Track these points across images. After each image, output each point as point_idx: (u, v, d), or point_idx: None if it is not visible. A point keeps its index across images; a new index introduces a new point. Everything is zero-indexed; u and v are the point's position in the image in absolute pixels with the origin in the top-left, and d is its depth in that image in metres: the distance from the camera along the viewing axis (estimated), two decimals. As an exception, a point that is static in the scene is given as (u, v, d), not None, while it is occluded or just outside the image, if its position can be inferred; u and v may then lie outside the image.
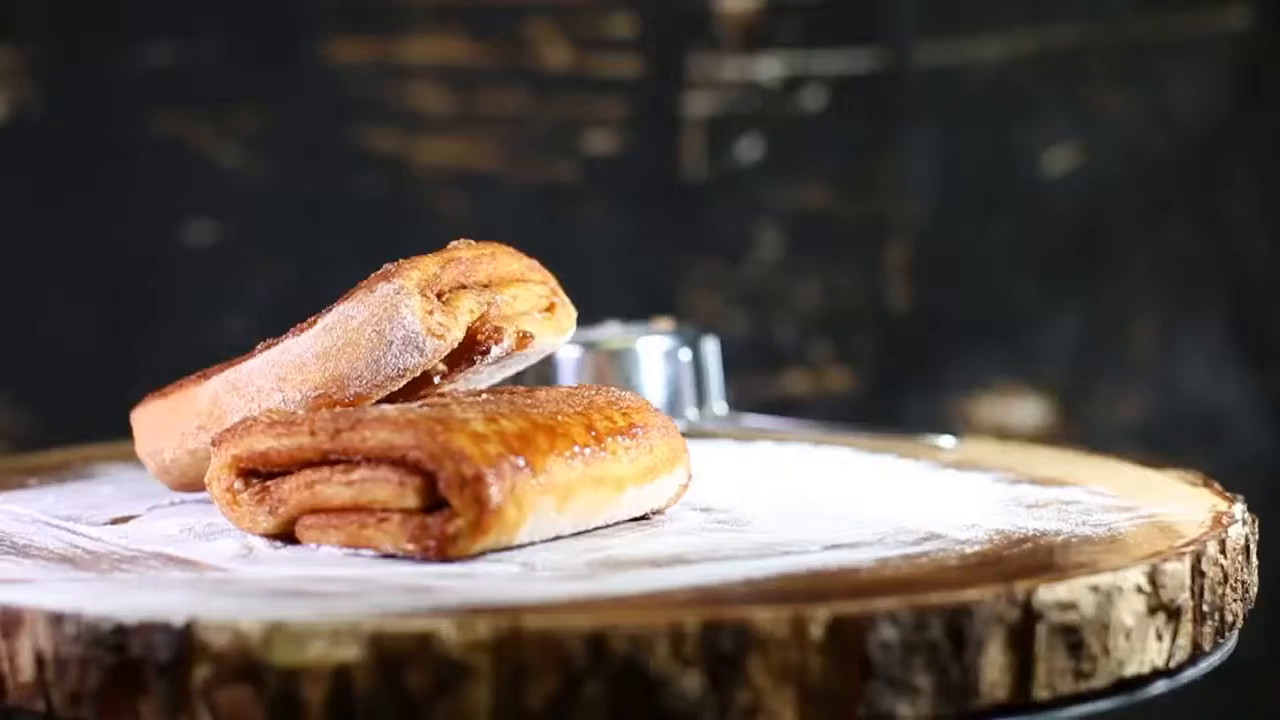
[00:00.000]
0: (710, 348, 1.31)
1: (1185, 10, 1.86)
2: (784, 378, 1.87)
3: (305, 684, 0.80)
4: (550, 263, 1.07)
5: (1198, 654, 0.92)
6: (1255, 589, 0.98)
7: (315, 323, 1.00)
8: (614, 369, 1.27)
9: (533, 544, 0.94)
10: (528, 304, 1.04)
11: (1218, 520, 0.98)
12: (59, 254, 1.81)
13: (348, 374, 0.99)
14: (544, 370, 1.25)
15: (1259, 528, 1.00)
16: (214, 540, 0.97)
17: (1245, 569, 0.97)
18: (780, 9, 1.84)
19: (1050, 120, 1.87)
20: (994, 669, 0.84)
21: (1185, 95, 1.86)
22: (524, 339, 1.02)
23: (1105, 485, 1.09)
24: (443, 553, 0.91)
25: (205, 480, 0.98)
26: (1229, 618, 0.94)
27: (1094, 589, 0.86)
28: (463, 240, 1.04)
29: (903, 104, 1.86)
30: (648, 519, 1.01)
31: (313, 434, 0.94)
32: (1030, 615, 0.85)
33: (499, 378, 1.07)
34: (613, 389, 1.03)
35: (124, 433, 1.09)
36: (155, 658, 0.81)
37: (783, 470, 1.17)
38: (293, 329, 1.01)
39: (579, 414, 0.97)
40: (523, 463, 0.92)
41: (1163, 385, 1.88)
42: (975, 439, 1.31)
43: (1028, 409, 1.88)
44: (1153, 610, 0.89)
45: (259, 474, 0.96)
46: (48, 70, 1.80)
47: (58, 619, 0.82)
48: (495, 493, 0.90)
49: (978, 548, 0.94)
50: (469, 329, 1.00)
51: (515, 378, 1.10)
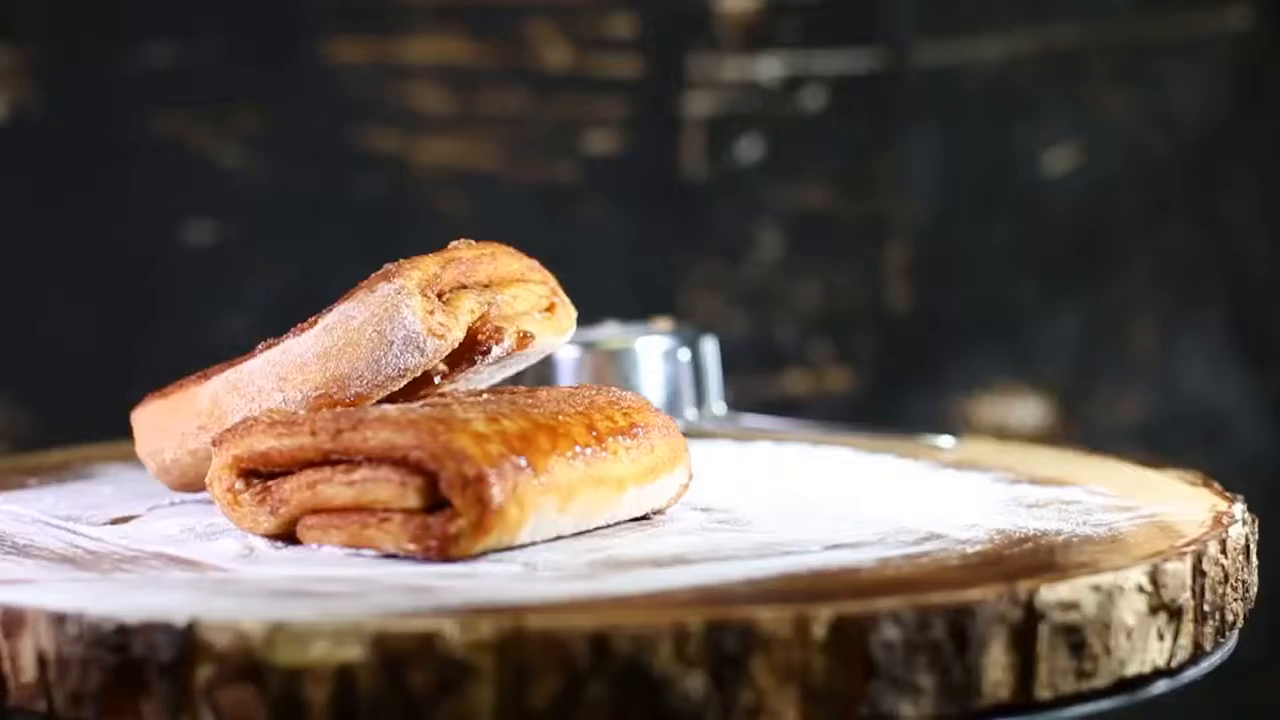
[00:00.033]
0: (709, 348, 1.31)
1: (1185, 10, 1.86)
2: (784, 378, 1.87)
3: (308, 684, 0.79)
4: (550, 263, 1.07)
5: (1199, 654, 0.92)
6: (1255, 589, 0.98)
7: (316, 323, 1.00)
8: (613, 369, 1.27)
9: (534, 544, 0.94)
10: (528, 304, 1.04)
11: (1218, 520, 0.98)
12: (59, 254, 1.81)
13: (348, 374, 0.99)
14: (543, 370, 1.25)
15: (1259, 528, 1.00)
16: (215, 540, 0.97)
17: (1245, 569, 0.97)
18: (780, 9, 1.83)
19: (1050, 120, 1.87)
20: (996, 669, 0.84)
21: (1185, 95, 1.86)
22: (524, 339, 1.02)
23: (1105, 485, 1.09)
24: (444, 553, 0.91)
25: (206, 480, 0.97)
26: (1229, 617, 0.94)
27: (1096, 589, 0.86)
28: (463, 240, 1.04)
29: (903, 104, 1.86)
30: (648, 519, 1.01)
31: (314, 434, 0.93)
32: (1032, 615, 0.85)
33: (499, 378, 1.07)
34: (613, 389, 1.03)
35: (124, 433, 1.09)
36: (157, 658, 0.81)
37: (782, 470, 1.17)
38: (293, 329, 1.01)
39: (580, 414, 0.97)
40: (524, 463, 0.92)
41: (1163, 385, 1.88)
42: (974, 439, 1.30)
43: (1028, 409, 1.88)
44: (1154, 610, 0.89)
45: (260, 474, 0.96)
46: (48, 70, 1.80)
47: (60, 619, 0.82)
48: (497, 493, 0.90)
49: (979, 547, 0.94)
50: (470, 329, 1.00)
51: (514, 378, 1.10)
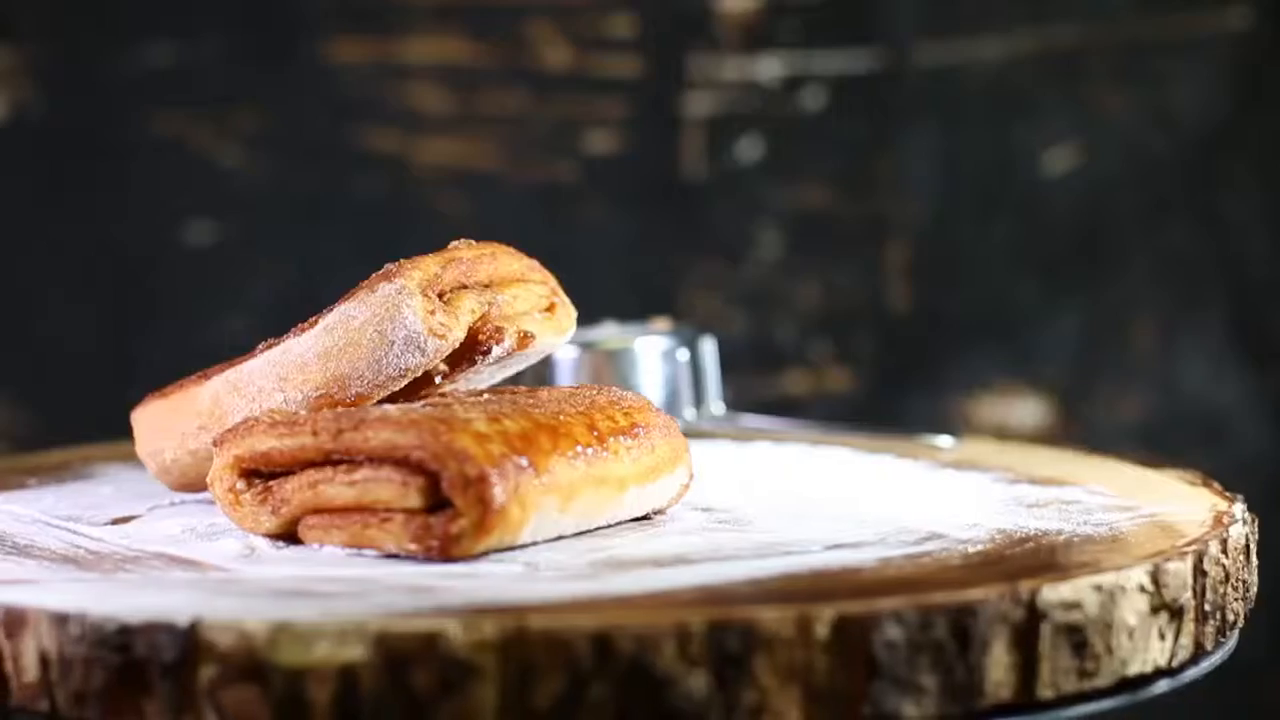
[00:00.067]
0: (708, 348, 1.31)
1: (1185, 10, 1.86)
2: (784, 378, 1.87)
3: (311, 684, 0.79)
4: (550, 263, 1.07)
5: (1199, 653, 0.92)
6: (1255, 589, 0.98)
7: (316, 323, 1.00)
8: (611, 369, 1.27)
9: (535, 544, 0.94)
10: (528, 304, 1.04)
11: (1219, 520, 0.98)
12: (59, 254, 1.81)
13: (349, 374, 0.99)
14: (541, 371, 1.25)
15: (1259, 528, 1.00)
16: (216, 540, 0.97)
17: (1246, 568, 0.97)
18: (780, 9, 1.83)
19: (1050, 120, 1.87)
20: (999, 668, 0.84)
21: (1185, 95, 1.86)
22: (525, 339, 1.02)
23: (1105, 485, 1.09)
24: (446, 553, 0.90)
25: (208, 480, 0.97)
26: (1230, 617, 0.94)
27: (1097, 588, 0.86)
28: (463, 240, 1.04)
29: (903, 104, 1.86)
30: (649, 519, 1.01)
31: (315, 434, 0.93)
32: (1034, 615, 0.85)
33: (499, 378, 1.07)
34: (614, 389, 1.03)
35: (124, 433, 1.09)
36: (160, 658, 0.81)
37: (782, 470, 1.17)
38: (294, 329, 1.01)
39: (581, 414, 0.97)
40: (526, 463, 0.92)
41: (1163, 385, 1.88)
42: (973, 439, 1.30)
43: (1028, 409, 1.88)
44: (1155, 609, 0.89)
45: (261, 474, 0.96)
46: (48, 70, 1.80)
47: (62, 619, 0.82)
48: (499, 493, 0.90)
49: (980, 547, 0.94)
50: (470, 329, 1.00)
51: (514, 378, 1.10)
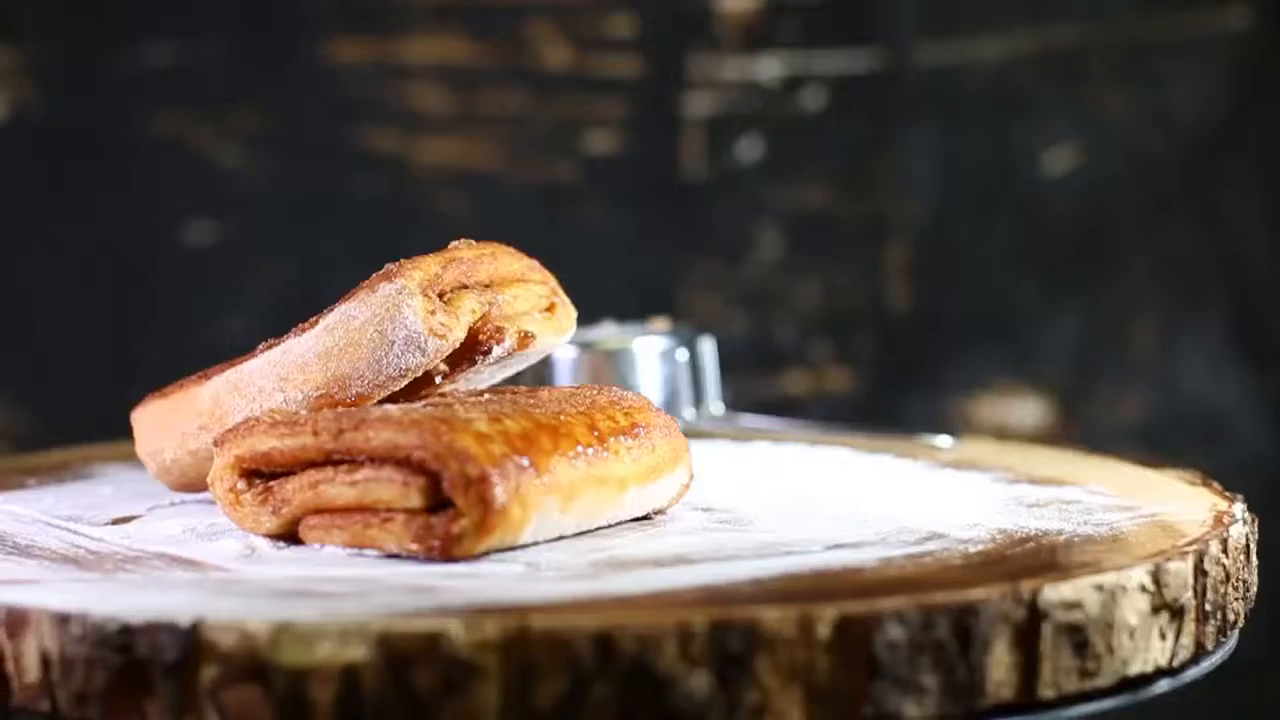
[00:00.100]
0: (707, 348, 1.31)
1: (1185, 10, 1.86)
2: (784, 378, 1.87)
3: (313, 684, 0.79)
4: (550, 263, 1.07)
5: (1200, 653, 0.92)
6: (1255, 588, 0.98)
7: (317, 323, 1.00)
8: (610, 369, 1.27)
9: (536, 544, 0.94)
10: (528, 304, 1.04)
11: (1219, 519, 0.98)
12: (59, 254, 1.81)
13: (350, 374, 0.99)
14: (541, 371, 1.25)
15: (1259, 528, 1.00)
16: (217, 540, 0.97)
17: (1246, 568, 0.97)
18: (780, 9, 1.83)
19: (1050, 120, 1.87)
20: (1000, 668, 0.84)
21: (1185, 95, 1.86)
22: (525, 339, 1.02)
23: (1105, 485, 1.09)
24: (447, 553, 0.90)
25: (208, 480, 0.97)
26: (1230, 617, 0.94)
27: (1099, 588, 0.86)
28: (463, 240, 1.04)
29: (903, 104, 1.86)
30: (650, 519, 1.01)
31: (316, 434, 0.93)
32: (1036, 614, 0.85)
33: (499, 378, 1.07)
34: (614, 389, 1.03)
35: (124, 433, 1.09)
36: (162, 658, 0.81)
37: (782, 470, 1.17)
38: (294, 329, 1.01)
39: (582, 414, 0.97)
40: (527, 463, 0.92)
41: (1163, 385, 1.88)
42: (973, 439, 1.30)
43: (1028, 409, 1.88)
44: (1156, 609, 0.89)
45: (262, 474, 0.96)
46: (48, 70, 1.80)
47: (63, 619, 0.82)
48: (500, 493, 0.90)
49: (981, 547, 0.94)
50: (470, 329, 1.00)
51: (513, 378, 1.10)
